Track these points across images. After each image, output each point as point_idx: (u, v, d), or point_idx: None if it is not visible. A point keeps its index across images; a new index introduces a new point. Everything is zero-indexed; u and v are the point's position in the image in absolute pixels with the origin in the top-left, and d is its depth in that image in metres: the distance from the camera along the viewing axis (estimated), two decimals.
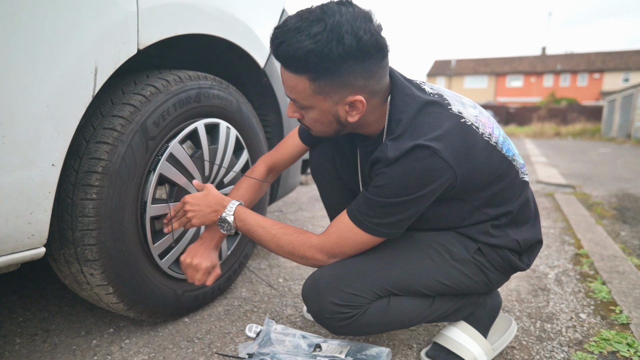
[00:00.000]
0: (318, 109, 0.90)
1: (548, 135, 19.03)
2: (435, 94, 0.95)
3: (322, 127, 0.95)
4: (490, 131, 0.96)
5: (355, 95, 0.86)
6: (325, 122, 0.93)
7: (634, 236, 2.38)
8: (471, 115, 0.94)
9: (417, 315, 1.01)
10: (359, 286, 0.93)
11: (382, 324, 0.97)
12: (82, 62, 0.87)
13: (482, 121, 0.95)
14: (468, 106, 0.97)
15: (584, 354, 1.15)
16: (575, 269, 1.82)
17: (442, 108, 0.91)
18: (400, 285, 0.97)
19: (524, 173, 1.04)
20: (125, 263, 1.06)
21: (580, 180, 4.61)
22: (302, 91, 0.87)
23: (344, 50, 0.79)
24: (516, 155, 1.03)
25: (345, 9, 0.81)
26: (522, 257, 1.05)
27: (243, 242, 1.50)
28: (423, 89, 0.96)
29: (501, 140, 0.98)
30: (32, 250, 0.87)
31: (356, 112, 0.89)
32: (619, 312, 1.39)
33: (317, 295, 0.94)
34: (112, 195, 1.00)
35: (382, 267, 0.96)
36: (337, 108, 0.89)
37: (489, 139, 0.94)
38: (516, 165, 1.01)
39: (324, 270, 0.97)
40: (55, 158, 0.86)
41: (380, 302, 0.96)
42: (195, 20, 1.16)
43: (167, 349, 1.15)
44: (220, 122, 1.29)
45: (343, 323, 0.94)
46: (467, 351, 1.06)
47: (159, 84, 1.09)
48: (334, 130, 0.96)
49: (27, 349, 1.15)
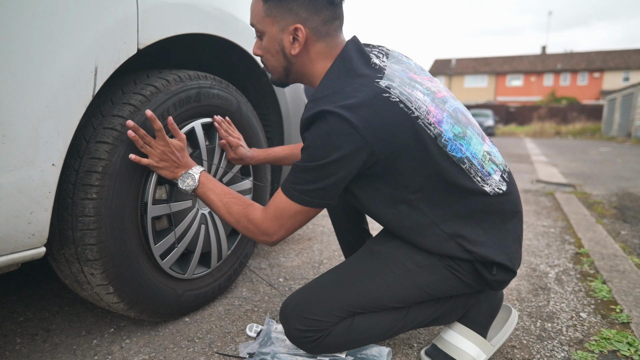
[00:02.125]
0: (268, 35, 0.98)
1: (548, 135, 19.02)
2: (377, 67, 0.94)
3: (272, 61, 1.01)
4: (435, 122, 0.91)
5: (297, 24, 0.94)
6: (273, 51, 1.00)
7: (634, 235, 2.38)
8: (412, 96, 0.91)
9: (389, 329, 1.03)
10: (319, 311, 0.98)
11: (352, 341, 1.01)
12: (82, 62, 0.87)
13: (429, 109, 0.92)
14: (418, 90, 0.94)
15: (584, 353, 1.15)
16: (575, 268, 1.82)
17: (368, 80, 0.90)
18: (361, 305, 1.00)
19: (484, 182, 0.96)
20: (126, 263, 1.06)
21: (580, 179, 4.61)
22: (258, 13, 0.97)
23: None
24: (473, 159, 0.95)
25: None
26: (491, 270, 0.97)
27: (243, 241, 1.50)
28: (369, 64, 0.95)
29: (449, 136, 0.92)
30: (33, 250, 0.87)
31: (297, 44, 0.96)
32: (619, 311, 1.39)
33: (285, 320, 1.01)
34: (112, 195, 1.00)
35: (341, 289, 1.00)
36: (282, 36, 0.97)
37: (427, 128, 0.90)
38: (467, 168, 0.94)
39: (292, 297, 1.03)
40: (56, 158, 0.86)
41: (343, 324, 1.00)
42: (195, 19, 1.16)
43: (167, 348, 1.15)
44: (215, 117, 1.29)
45: (311, 345, 1.00)
46: (463, 354, 1.05)
47: (159, 84, 1.09)
48: (282, 67, 1.01)
49: (27, 348, 1.15)
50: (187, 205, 1.22)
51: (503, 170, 1.03)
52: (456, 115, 0.98)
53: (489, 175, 0.98)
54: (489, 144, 1.05)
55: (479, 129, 1.07)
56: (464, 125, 0.99)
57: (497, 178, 1.00)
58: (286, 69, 1.02)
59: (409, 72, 1.00)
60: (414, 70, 1.03)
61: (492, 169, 1.00)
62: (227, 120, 1.31)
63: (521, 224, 1.05)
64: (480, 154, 0.98)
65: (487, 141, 1.05)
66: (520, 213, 1.05)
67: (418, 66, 1.08)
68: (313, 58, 0.98)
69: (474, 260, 0.96)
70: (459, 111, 1.01)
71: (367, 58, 0.97)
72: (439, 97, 0.98)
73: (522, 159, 7.05)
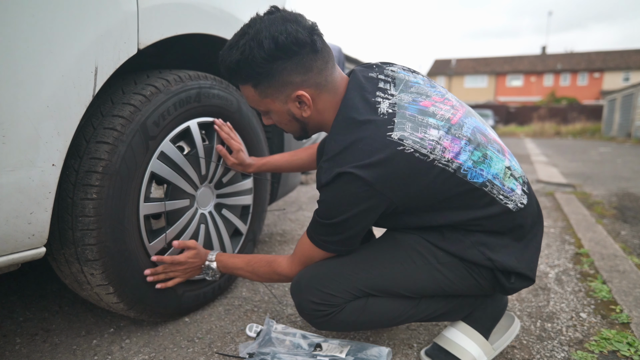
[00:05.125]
0: (274, 111, 0.99)
1: (548, 135, 19.02)
2: (386, 114, 0.90)
3: (288, 127, 1.04)
4: (452, 157, 0.90)
5: (297, 91, 0.93)
6: (285, 121, 1.01)
7: (634, 235, 2.38)
8: (425, 141, 0.88)
9: (399, 315, 1.03)
10: (335, 287, 1.00)
11: (361, 322, 1.03)
12: (82, 62, 0.87)
13: (444, 146, 0.89)
14: (431, 127, 0.90)
15: (584, 353, 1.15)
16: (575, 268, 1.82)
17: (379, 133, 0.87)
18: (377, 287, 1.01)
19: (508, 199, 0.96)
20: (126, 263, 1.06)
21: (580, 179, 4.61)
22: (253, 99, 0.98)
23: (266, 53, 0.88)
24: (495, 180, 0.95)
25: (267, 16, 0.91)
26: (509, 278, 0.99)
27: (245, 242, 1.50)
28: (376, 111, 0.91)
29: (468, 165, 0.92)
30: (33, 250, 0.87)
31: (306, 106, 0.96)
32: (619, 311, 1.39)
33: (298, 292, 1.03)
34: (112, 195, 1.00)
35: (359, 269, 1.01)
36: (288, 107, 0.97)
37: (445, 166, 0.89)
38: (489, 190, 0.94)
39: (307, 270, 1.04)
40: (56, 158, 0.86)
41: (357, 302, 1.01)
42: (195, 19, 1.16)
43: (167, 348, 1.15)
44: (216, 120, 1.29)
45: (321, 320, 1.02)
46: (465, 352, 1.05)
47: (159, 84, 1.09)
48: (299, 128, 1.03)
49: (27, 348, 1.15)
50: (184, 204, 1.22)
51: (523, 183, 1.02)
52: (475, 138, 0.95)
53: (511, 192, 0.98)
54: (509, 156, 1.03)
55: (498, 142, 1.04)
56: (484, 147, 0.96)
57: (519, 192, 1.00)
58: (303, 129, 1.04)
59: (420, 101, 0.95)
60: (425, 93, 0.98)
61: (514, 185, 0.99)
62: (228, 125, 1.32)
63: (542, 232, 1.06)
64: (502, 172, 0.97)
65: (507, 154, 1.03)
66: (541, 222, 1.06)
67: (427, 81, 1.04)
68: (323, 110, 0.98)
69: (495, 268, 0.97)
70: (477, 131, 0.97)
71: (373, 105, 0.92)
72: (455, 123, 0.94)
73: (522, 159, 7.05)
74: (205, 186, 1.31)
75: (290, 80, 0.92)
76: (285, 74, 0.91)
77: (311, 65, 0.92)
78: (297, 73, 0.92)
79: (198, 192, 1.28)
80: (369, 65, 1.04)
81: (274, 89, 0.94)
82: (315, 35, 0.91)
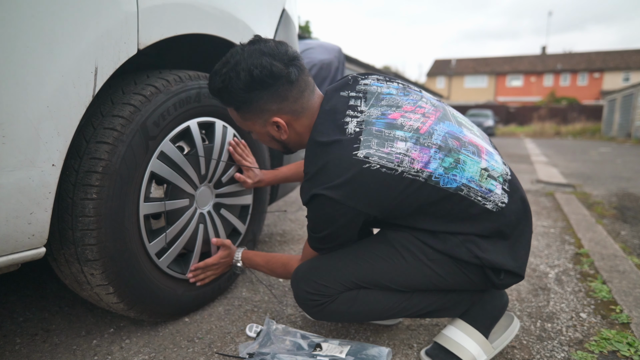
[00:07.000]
0: (255, 132, 1.07)
1: (548, 135, 19.03)
2: (353, 133, 0.94)
3: (270, 145, 1.12)
4: (421, 167, 0.93)
5: (273, 117, 1.00)
6: (267, 141, 1.09)
7: (634, 235, 2.38)
8: (392, 155, 0.91)
9: (391, 307, 1.06)
10: (328, 278, 1.06)
11: (354, 312, 1.07)
12: (82, 62, 0.87)
13: (412, 157, 0.92)
14: (398, 140, 0.93)
15: (584, 354, 1.15)
16: (575, 268, 1.82)
17: (346, 152, 0.92)
18: (367, 280, 1.05)
19: (486, 199, 0.97)
20: (126, 263, 1.06)
21: (580, 179, 4.61)
22: (237, 119, 1.06)
23: (243, 84, 0.95)
24: (470, 183, 0.96)
25: (249, 47, 0.97)
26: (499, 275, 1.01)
27: (244, 242, 1.50)
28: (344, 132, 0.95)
29: (439, 172, 0.94)
30: (33, 250, 0.87)
31: (283, 130, 1.03)
32: (619, 311, 1.39)
33: (296, 282, 1.10)
34: (112, 195, 1.00)
35: (350, 262, 1.06)
36: (267, 129, 1.04)
37: (415, 176, 0.92)
38: (466, 193, 0.95)
39: (304, 263, 1.12)
40: (56, 158, 0.86)
41: (349, 293, 1.06)
42: (195, 20, 1.16)
43: (167, 348, 1.15)
44: (216, 120, 1.29)
45: (316, 309, 1.08)
46: (465, 351, 1.05)
47: (159, 84, 1.09)
48: (282, 147, 1.11)
49: (27, 348, 1.15)
50: (184, 204, 1.22)
51: (503, 182, 1.02)
52: (446, 144, 0.96)
53: (489, 192, 0.99)
54: (487, 157, 1.02)
55: (475, 143, 1.02)
56: (456, 152, 0.97)
57: (499, 192, 1.00)
58: (285, 147, 1.11)
59: (388, 114, 0.98)
60: (396, 104, 1.00)
61: (492, 185, 0.99)
62: (242, 143, 1.39)
63: (530, 227, 1.06)
64: (477, 174, 0.98)
65: (484, 154, 1.02)
66: (528, 218, 1.06)
67: (401, 89, 1.05)
68: (301, 132, 1.04)
69: (483, 265, 0.99)
70: (450, 136, 0.98)
71: (341, 125, 0.96)
72: (424, 132, 0.96)
73: (522, 159, 7.05)
74: (205, 186, 1.31)
75: (267, 108, 0.99)
76: (262, 103, 0.98)
77: (286, 95, 0.98)
78: (273, 102, 0.98)
79: (197, 191, 1.28)
80: (344, 81, 1.07)
81: (253, 114, 1.01)
82: (292, 67, 0.97)
